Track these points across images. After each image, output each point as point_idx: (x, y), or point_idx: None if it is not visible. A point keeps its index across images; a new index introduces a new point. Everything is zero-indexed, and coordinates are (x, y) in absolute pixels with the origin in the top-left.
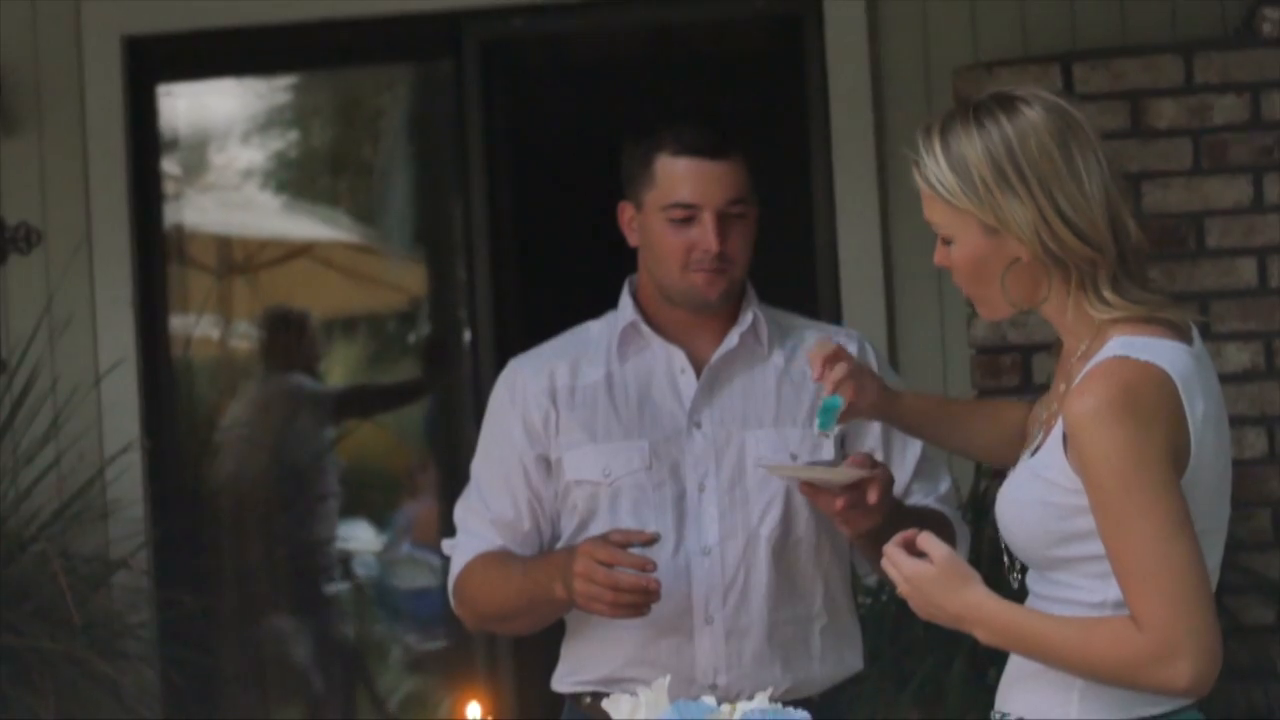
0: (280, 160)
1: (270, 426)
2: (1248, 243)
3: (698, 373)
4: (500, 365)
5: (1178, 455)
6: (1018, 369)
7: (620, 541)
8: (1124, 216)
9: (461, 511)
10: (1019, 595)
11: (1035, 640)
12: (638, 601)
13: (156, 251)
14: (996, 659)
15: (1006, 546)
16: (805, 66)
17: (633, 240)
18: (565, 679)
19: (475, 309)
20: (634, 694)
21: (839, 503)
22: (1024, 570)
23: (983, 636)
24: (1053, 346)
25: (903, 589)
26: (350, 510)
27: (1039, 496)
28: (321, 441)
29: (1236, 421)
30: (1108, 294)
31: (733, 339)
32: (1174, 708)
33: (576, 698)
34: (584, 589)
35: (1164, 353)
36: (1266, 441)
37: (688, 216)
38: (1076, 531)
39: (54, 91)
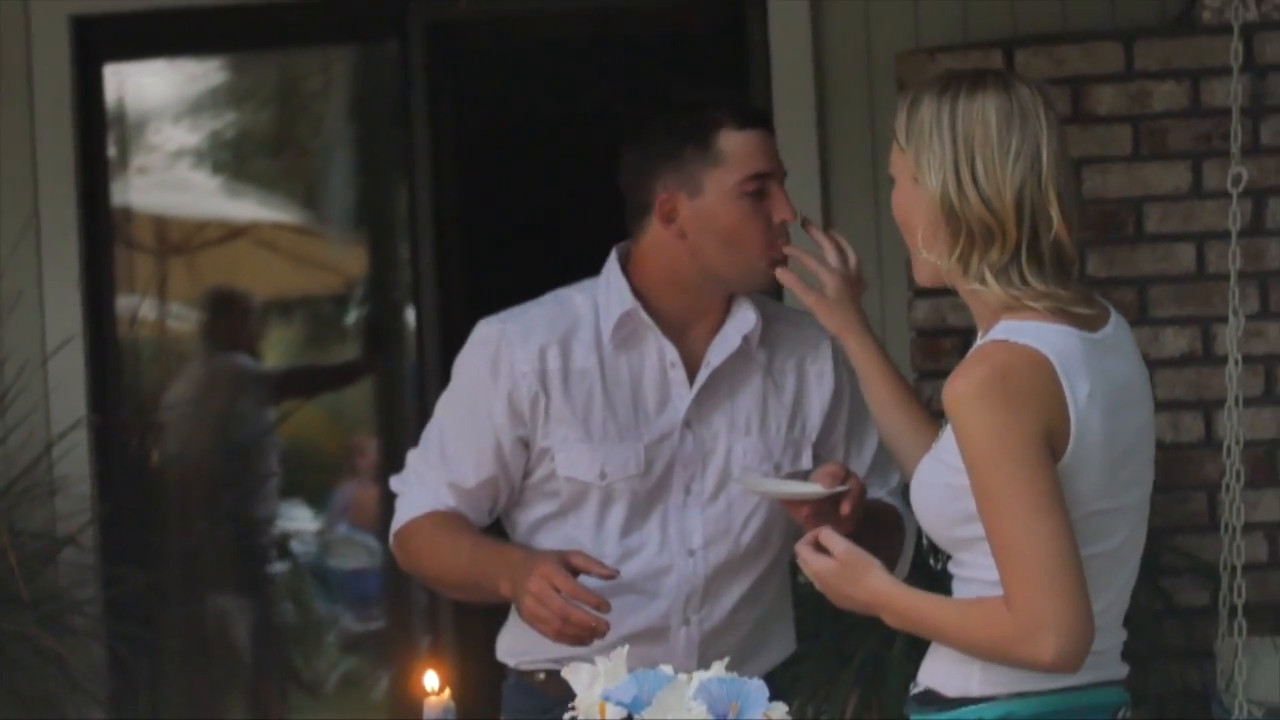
0: (226, 141)
1: (214, 406)
2: (1186, 228)
3: (687, 367)
4: (446, 347)
5: (1054, 436)
6: (958, 352)
7: (580, 567)
8: (1046, 208)
9: (418, 462)
10: (943, 578)
11: (924, 622)
12: (583, 637)
13: (104, 230)
14: None
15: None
16: (748, 50)
17: (670, 232)
18: (517, 656)
19: (420, 291)
20: (592, 662)
21: (805, 511)
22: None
23: (889, 620)
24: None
25: (816, 584)
26: (289, 491)
27: (940, 479)
28: (264, 422)
29: (1174, 406)
30: (988, 274)
31: (734, 339)
32: (1084, 682)
33: (528, 674)
34: (532, 609)
35: (1044, 335)
36: (1203, 425)
37: (760, 189)
38: (971, 512)
39: (2, 70)
